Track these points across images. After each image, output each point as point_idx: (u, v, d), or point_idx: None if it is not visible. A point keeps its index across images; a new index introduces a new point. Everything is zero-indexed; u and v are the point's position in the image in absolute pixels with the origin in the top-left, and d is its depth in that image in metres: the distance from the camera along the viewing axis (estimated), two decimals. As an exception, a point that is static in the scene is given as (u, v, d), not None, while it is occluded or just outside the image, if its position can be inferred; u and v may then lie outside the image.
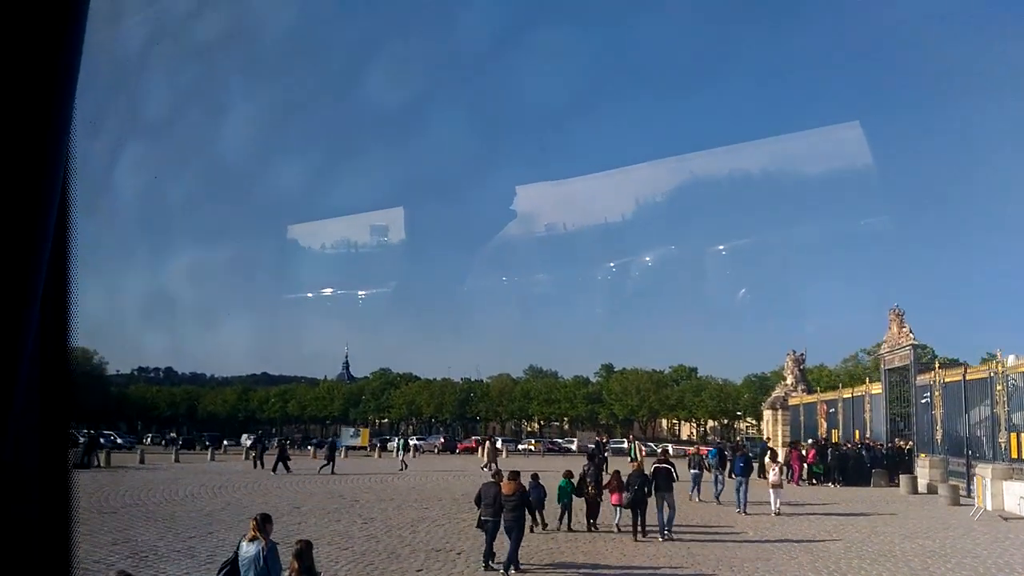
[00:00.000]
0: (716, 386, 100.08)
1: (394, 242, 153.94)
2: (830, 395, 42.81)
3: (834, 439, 36.97)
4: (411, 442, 65.59)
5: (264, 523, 8.60)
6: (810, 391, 47.22)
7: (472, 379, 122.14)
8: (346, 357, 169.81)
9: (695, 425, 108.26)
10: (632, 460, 28.78)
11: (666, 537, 16.02)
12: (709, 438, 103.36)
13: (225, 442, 76.79)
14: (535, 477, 16.09)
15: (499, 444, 39.68)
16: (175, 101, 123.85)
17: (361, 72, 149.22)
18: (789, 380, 50.61)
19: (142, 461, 36.05)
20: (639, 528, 15.85)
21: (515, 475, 12.99)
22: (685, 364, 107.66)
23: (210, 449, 46.81)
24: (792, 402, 46.61)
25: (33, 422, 1.20)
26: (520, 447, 68.11)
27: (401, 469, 34.35)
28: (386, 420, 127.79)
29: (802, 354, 53.41)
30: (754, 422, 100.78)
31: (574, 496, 17.12)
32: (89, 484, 25.60)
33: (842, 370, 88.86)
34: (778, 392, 51.00)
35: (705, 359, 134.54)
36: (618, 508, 16.51)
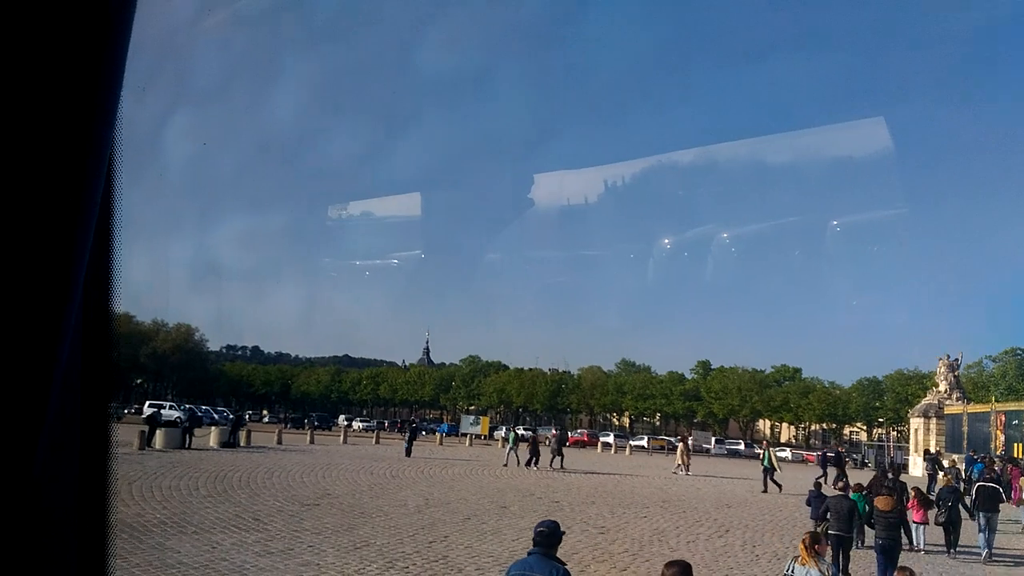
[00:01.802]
0: (824, 389, 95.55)
1: (478, 228, 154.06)
2: (1013, 405, 39.15)
3: (1018, 454, 33.70)
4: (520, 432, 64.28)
5: (814, 544, 7.65)
6: (966, 399, 43.65)
7: (560, 370, 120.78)
8: (427, 343, 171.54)
9: (798, 429, 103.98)
10: (766, 468, 26.47)
11: (990, 560, 14.09)
12: (812, 442, 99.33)
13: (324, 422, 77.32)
14: (817, 487, 14.34)
15: (691, 443, 36.77)
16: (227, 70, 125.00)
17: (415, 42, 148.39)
18: (942, 387, 47.11)
19: (279, 441, 35.48)
20: (952, 547, 14.10)
21: (892, 489, 11.23)
22: (788, 364, 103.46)
23: (344, 430, 46.63)
24: (949, 410, 43.17)
25: (74, 406, 1.17)
26: (634, 443, 65.66)
27: (505, 464, 30.99)
28: (473, 407, 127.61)
29: (956, 359, 49.68)
30: (862, 427, 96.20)
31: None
32: (257, 465, 24.84)
33: (965, 377, 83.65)
34: (929, 399, 47.61)
35: (807, 360, 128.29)
36: (921, 526, 14.53)
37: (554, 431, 64.92)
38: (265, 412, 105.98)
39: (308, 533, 12.75)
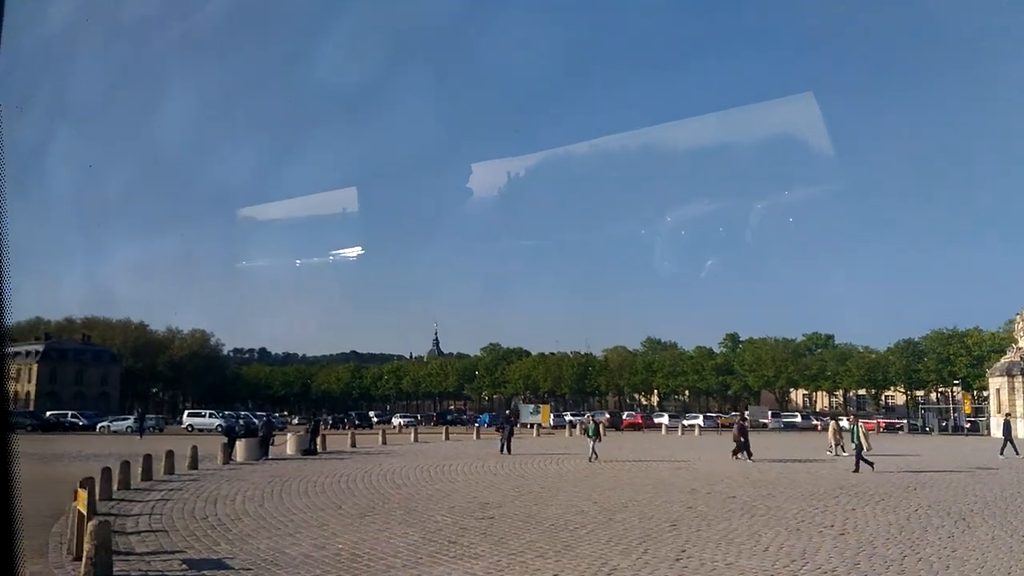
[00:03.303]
0: (861, 354, 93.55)
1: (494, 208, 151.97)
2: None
3: None
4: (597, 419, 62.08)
5: None
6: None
7: (582, 352, 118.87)
8: (436, 334, 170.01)
9: (833, 396, 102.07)
10: (855, 442, 23.64)
11: None
12: (850, 409, 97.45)
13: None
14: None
15: (844, 424, 32.08)
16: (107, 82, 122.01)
17: (311, 49, 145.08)
18: (1023, 343, 45.09)
19: (353, 445, 33.46)
20: None
21: None
22: (820, 331, 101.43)
23: (383, 429, 44.43)
24: (1042, 368, 41.34)
25: None
26: (687, 423, 63.61)
27: (592, 460, 26.52)
28: (497, 395, 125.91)
29: None
30: (901, 391, 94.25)
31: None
32: (366, 473, 22.87)
33: (1005, 333, 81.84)
34: (1011, 357, 45.58)
35: (835, 326, 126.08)
36: None
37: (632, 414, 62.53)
38: (286, 414, 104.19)
39: (533, 556, 10.70)
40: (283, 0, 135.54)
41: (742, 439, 27.11)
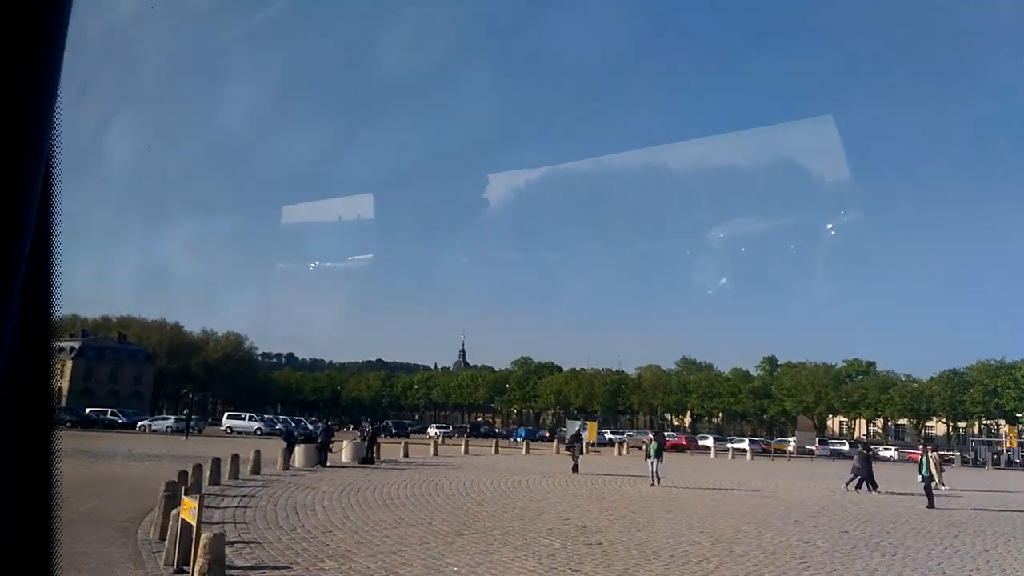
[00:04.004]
0: (903, 383, 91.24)
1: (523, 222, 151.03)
2: None
3: None
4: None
5: None
6: None
7: (613, 370, 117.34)
8: (463, 345, 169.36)
9: (872, 424, 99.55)
10: (924, 477, 21.93)
11: None
12: (888, 439, 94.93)
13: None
14: None
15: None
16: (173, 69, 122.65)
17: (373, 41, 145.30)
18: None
19: (406, 454, 32.56)
20: None
21: None
22: (860, 358, 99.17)
23: (441, 436, 43.35)
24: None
25: (11, 411, 1.11)
26: (733, 446, 61.86)
27: (654, 484, 24.55)
28: (526, 410, 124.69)
29: None
30: (943, 422, 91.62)
31: None
32: (435, 487, 21.96)
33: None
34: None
35: (875, 353, 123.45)
36: None
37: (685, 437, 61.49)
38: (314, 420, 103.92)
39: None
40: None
41: (864, 469, 25.63)
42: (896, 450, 65.96)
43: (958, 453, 65.24)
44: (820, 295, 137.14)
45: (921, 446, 30.43)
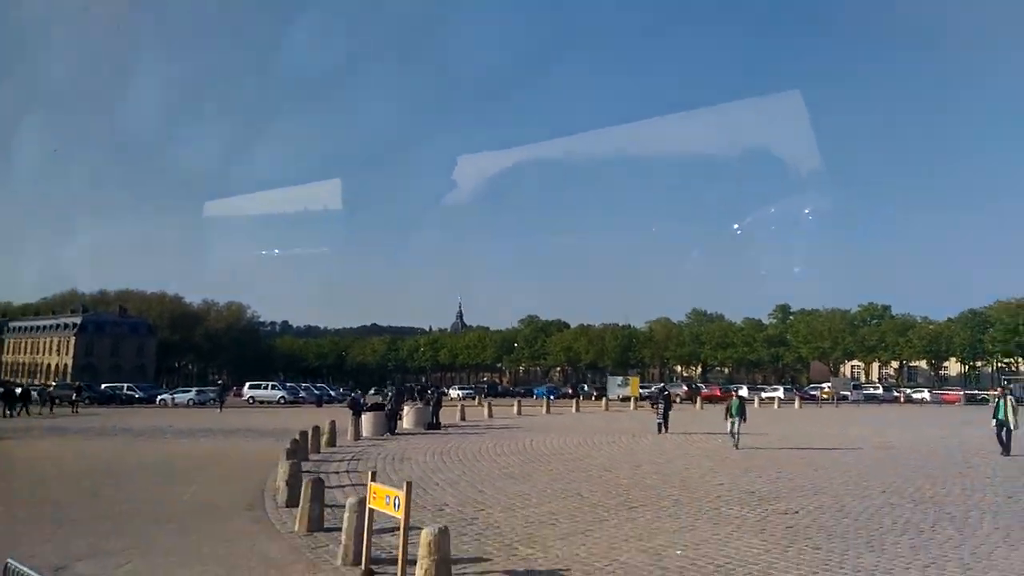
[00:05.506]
0: (921, 325, 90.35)
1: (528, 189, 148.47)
2: None
3: None
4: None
5: None
6: None
7: (621, 324, 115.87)
8: (459, 307, 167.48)
9: (889, 368, 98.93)
10: (1000, 421, 19.25)
11: None
12: (904, 381, 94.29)
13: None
14: None
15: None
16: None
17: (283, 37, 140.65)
18: None
19: (463, 418, 30.88)
20: None
21: None
22: (875, 302, 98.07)
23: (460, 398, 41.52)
24: None
25: None
26: (766, 395, 60.69)
27: (736, 445, 20.95)
28: (538, 367, 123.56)
29: None
30: (958, 362, 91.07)
31: None
32: (538, 451, 20.28)
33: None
34: None
35: (889, 296, 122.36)
36: None
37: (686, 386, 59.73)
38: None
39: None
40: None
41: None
42: (929, 391, 64.86)
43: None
44: (831, 240, 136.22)
45: (1000, 388, 27.42)
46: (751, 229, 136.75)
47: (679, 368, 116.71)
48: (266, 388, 59.24)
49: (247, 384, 60.43)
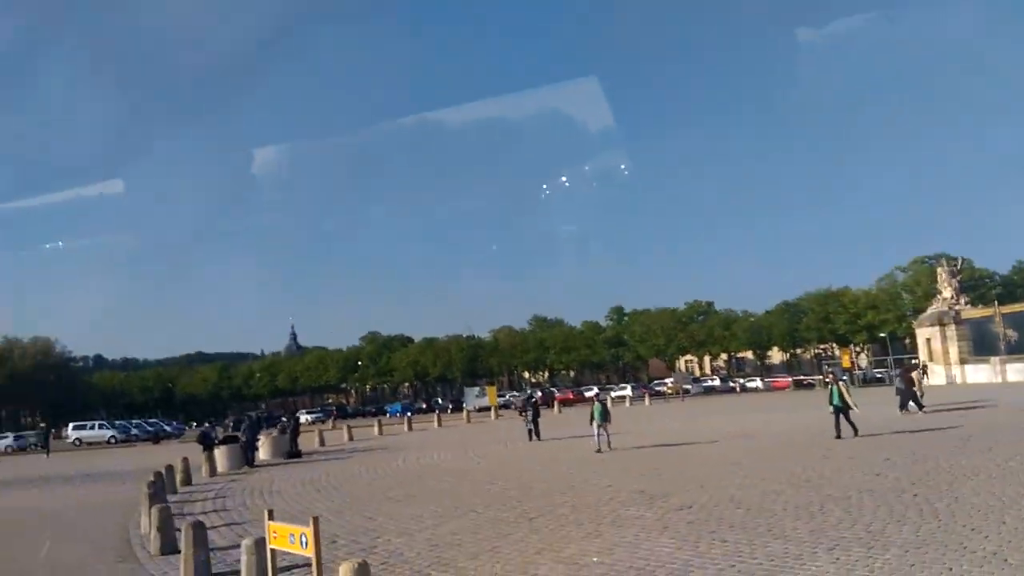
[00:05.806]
0: (743, 318, 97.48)
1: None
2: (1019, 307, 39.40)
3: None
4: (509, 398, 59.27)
5: None
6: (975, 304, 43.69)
7: (464, 336, 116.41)
8: (292, 327, 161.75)
9: (712, 361, 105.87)
10: (836, 407, 19.97)
11: None
12: (732, 372, 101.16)
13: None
14: None
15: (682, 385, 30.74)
16: None
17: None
18: (947, 293, 47.00)
19: (322, 443, 29.43)
20: None
21: None
22: (700, 299, 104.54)
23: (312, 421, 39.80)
24: (967, 315, 43.05)
25: None
26: (616, 394, 62.63)
27: (599, 451, 20.55)
28: (385, 384, 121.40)
29: (958, 264, 49.56)
30: (781, 350, 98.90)
31: None
32: (440, 475, 19.68)
33: (878, 288, 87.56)
34: (937, 307, 47.19)
35: (713, 294, 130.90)
36: None
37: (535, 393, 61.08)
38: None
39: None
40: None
41: (913, 390, 25.40)
42: (761, 379, 69.89)
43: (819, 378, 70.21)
44: (655, 245, 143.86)
45: (830, 374, 27.68)
46: (579, 233, 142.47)
47: (527, 374, 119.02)
48: (93, 428, 54.17)
49: (71, 425, 55.04)
